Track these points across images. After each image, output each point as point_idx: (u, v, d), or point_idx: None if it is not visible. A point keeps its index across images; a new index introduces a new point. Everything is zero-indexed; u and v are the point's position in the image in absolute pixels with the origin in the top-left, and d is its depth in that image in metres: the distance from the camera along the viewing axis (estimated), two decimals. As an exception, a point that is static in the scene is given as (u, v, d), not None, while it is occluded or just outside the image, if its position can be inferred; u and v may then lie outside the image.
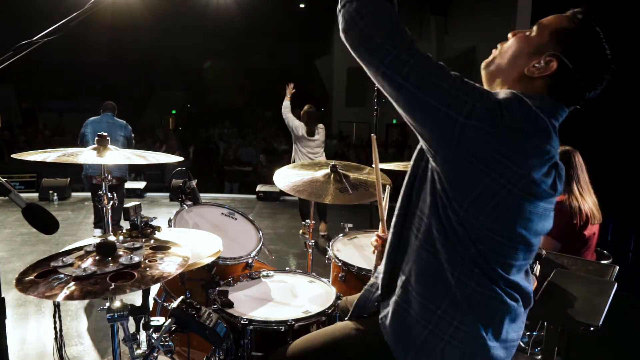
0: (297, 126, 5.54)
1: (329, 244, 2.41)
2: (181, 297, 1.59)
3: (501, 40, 1.25)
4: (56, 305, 2.01)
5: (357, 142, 14.98)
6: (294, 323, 1.71)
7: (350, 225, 2.68)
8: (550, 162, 1.09)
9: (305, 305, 1.88)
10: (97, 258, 1.37)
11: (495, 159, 1.03)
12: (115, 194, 2.26)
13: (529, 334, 3.05)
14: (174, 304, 1.55)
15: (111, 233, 1.88)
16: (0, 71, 1.21)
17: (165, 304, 2.23)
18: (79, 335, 3.27)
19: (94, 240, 1.56)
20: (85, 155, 1.91)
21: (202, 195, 2.89)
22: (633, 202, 4.56)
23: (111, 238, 1.52)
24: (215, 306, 1.81)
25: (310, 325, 1.77)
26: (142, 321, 1.58)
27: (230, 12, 12.50)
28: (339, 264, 2.24)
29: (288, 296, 1.99)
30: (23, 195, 1.21)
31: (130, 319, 1.47)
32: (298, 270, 2.26)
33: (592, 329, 1.56)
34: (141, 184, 8.82)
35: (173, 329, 1.51)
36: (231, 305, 1.84)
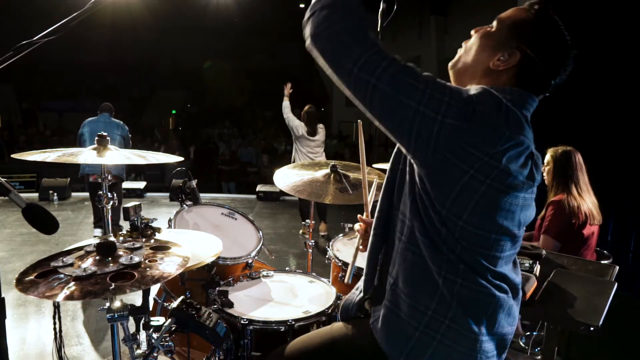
0: (298, 126, 5.54)
1: (329, 244, 2.41)
2: (181, 297, 1.59)
3: None
4: (56, 306, 2.01)
5: (357, 142, 14.96)
6: (294, 323, 1.71)
7: (350, 225, 2.67)
8: (525, 153, 1.10)
9: (305, 305, 1.88)
10: (97, 258, 1.37)
11: (472, 155, 1.04)
12: (115, 194, 2.26)
13: (529, 334, 3.06)
14: (174, 304, 1.55)
15: (111, 233, 1.88)
16: (0, 71, 1.21)
17: (165, 304, 2.23)
18: (79, 336, 3.27)
19: (95, 240, 1.56)
20: (85, 155, 1.91)
21: (202, 195, 2.89)
22: (633, 202, 4.56)
23: (111, 238, 1.52)
24: (215, 306, 1.81)
25: (310, 325, 1.77)
26: (142, 321, 1.58)
27: (230, 12, 12.49)
28: (339, 264, 2.24)
29: (288, 296, 1.99)
30: (23, 195, 1.21)
31: (130, 319, 1.47)
32: (298, 270, 2.26)
33: (592, 329, 1.56)
34: (141, 184, 8.82)
35: (173, 329, 1.51)
36: (231, 305, 1.84)
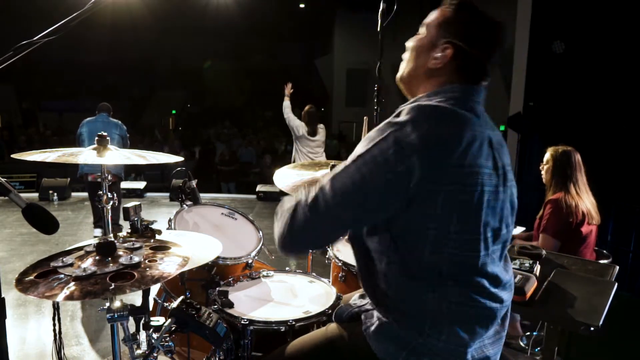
0: (298, 126, 5.55)
1: (329, 244, 2.41)
2: (181, 297, 1.59)
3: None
4: (55, 307, 2.01)
5: (356, 142, 14.95)
6: (294, 323, 1.71)
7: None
8: (484, 144, 1.14)
9: (306, 305, 1.88)
10: (97, 258, 1.37)
11: (441, 176, 1.08)
12: (115, 194, 2.25)
13: (529, 334, 3.06)
14: (174, 304, 1.55)
15: (111, 233, 1.88)
16: (0, 71, 1.21)
17: (165, 304, 2.23)
18: (78, 336, 3.27)
19: (94, 240, 1.56)
20: (85, 155, 1.90)
21: (202, 195, 2.89)
22: (633, 202, 4.56)
23: (111, 238, 1.52)
24: (216, 306, 1.81)
25: (310, 325, 1.77)
26: (142, 321, 1.58)
27: (230, 12, 12.48)
28: (339, 264, 2.24)
29: (288, 296, 1.99)
30: (23, 195, 1.21)
31: (130, 319, 1.47)
32: (298, 270, 2.26)
33: (592, 329, 1.56)
34: (141, 184, 8.82)
35: (173, 329, 1.51)
36: (231, 305, 1.84)
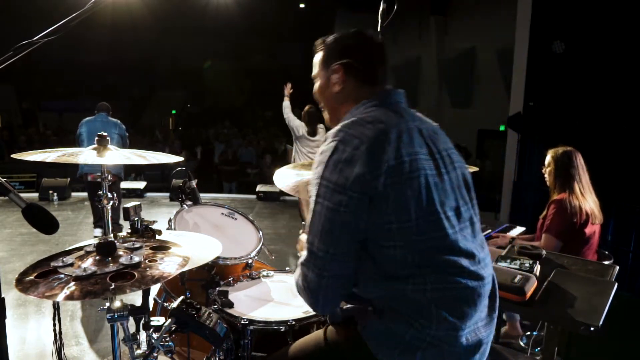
0: (298, 126, 5.55)
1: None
2: (181, 297, 1.59)
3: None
4: (55, 307, 2.01)
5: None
6: (294, 323, 1.71)
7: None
8: (413, 135, 1.23)
9: (305, 305, 1.87)
10: (97, 258, 1.37)
11: (384, 173, 1.15)
12: (115, 194, 2.25)
13: (529, 334, 3.06)
14: (174, 304, 1.55)
15: (111, 232, 1.88)
16: (0, 71, 1.21)
17: (165, 304, 2.23)
18: (78, 336, 3.27)
19: (95, 240, 1.56)
20: (85, 155, 1.90)
21: (202, 195, 2.89)
22: (633, 202, 4.56)
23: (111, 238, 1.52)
24: (215, 306, 1.81)
25: (310, 325, 1.77)
26: (142, 321, 1.58)
27: (230, 12, 12.47)
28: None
29: (288, 296, 1.99)
30: (23, 195, 1.21)
31: (130, 319, 1.47)
32: (298, 270, 2.25)
33: (592, 329, 1.56)
34: (141, 184, 8.82)
35: (173, 329, 1.51)
36: (231, 305, 1.84)
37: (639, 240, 4.59)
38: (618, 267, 2.15)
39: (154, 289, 2.32)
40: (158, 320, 1.55)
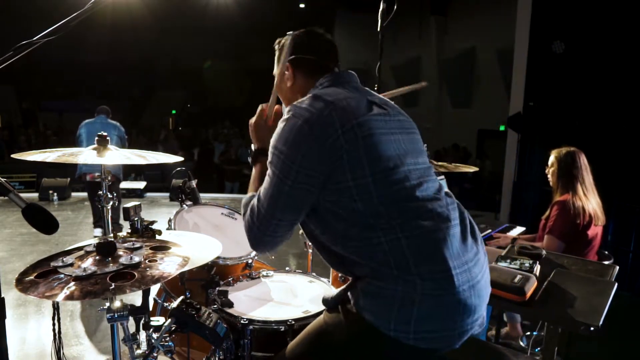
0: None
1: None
2: (181, 297, 1.59)
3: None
4: (55, 307, 2.01)
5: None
6: (294, 323, 1.71)
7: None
8: (361, 102, 1.31)
9: (305, 305, 1.88)
10: (97, 258, 1.37)
11: (335, 138, 1.22)
12: (115, 194, 2.26)
13: (529, 334, 3.06)
14: (174, 304, 1.55)
15: (112, 232, 1.88)
16: (0, 71, 1.21)
17: (165, 304, 2.23)
18: (78, 336, 3.27)
19: (95, 240, 1.56)
20: (85, 155, 1.90)
21: (202, 195, 2.89)
22: (633, 202, 4.56)
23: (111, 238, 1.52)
24: (215, 306, 1.81)
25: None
26: (142, 321, 1.59)
27: (230, 12, 12.48)
28: (339, 264, 2.24)
29: (288, 296, 1.99)
30: (23, 195, 1.21)
31: (130, 319, 1.47)
32: (298, 270, 2.26)
33: (592, 329, 1.56)
34: (141, 184, 8.82)
35: (173, 329, 1.51)
36: (231, 305, 1.84)
37: (639, 240, 4.59)
38: (618, 267, 2.15)
39: (154, 289, 2.32)
40: (158, 320, 1.55)
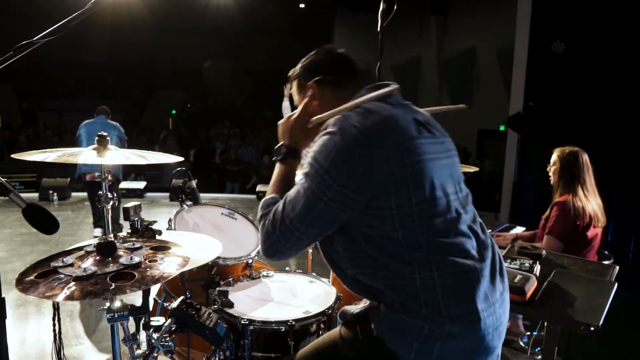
0: (297, 126, 5.56)
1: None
2: (181, 297, 1.59)
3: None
4: (55, 307, 2.01)
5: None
6: (294, 323, 1.71)
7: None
8: (410, 123, 1.22)
9: (306, 305, 1.88)
10: (97, 258, 1.37)
11: (375, 160, 1.15)
12: (115, 194, 2.26)
13: (529, 334, 3.06)
14: (174, 304, 1.55)
15: (112, 232, 1.88)
16: (0, 71, 1.21)
17: (165, 304, 2.23)
18: (78, 336, 3.27)
19: (95, 240, 1.56)
20: (85, 156, 1.90)
21: (202, 195, 2.89)
22: (633, 202, 4.56)
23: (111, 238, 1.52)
24: (216, 306, 1.81)
25: (310, 325, 1.77)
26: (142, 321, 1.59)
27: (230, 12, 12.48)
28: (339, 264, 2.24)
29: (288, 296, 1.99)
30: (23, 195, 1.21)
31: (130, 319, 1.47)
32: (298, 270, 2.26)
33: (592, 329, 1.56)
34: (141, 184, 8.82)
35: (173, 329, 1.52)
36: (231, 305, 1.84)
37: (639, 240, 4.59)
38: (618, 267, 2.14)
39: (154, 289, 2.32)
40: (158, 320, 1.55)
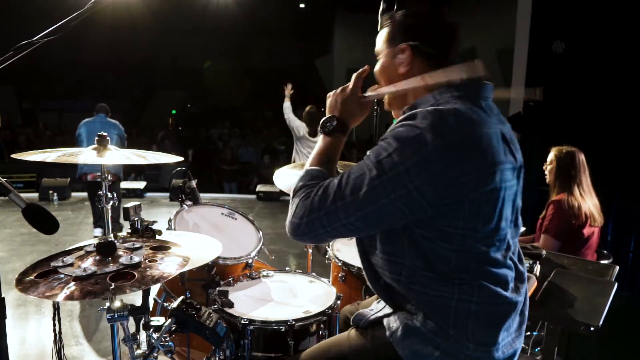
0: (299, 126, 5.55)
1: (329, 244, 2.41)
2: (181, 297, 1.59)
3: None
4: (55, 308, 2.01)
5: (357, 142, 14.95)
6: (294, 323, 1.71)
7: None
8: (499, 140, 1.10)
9: (306, 305, 1.88)
10: (97, 258, 1.37)
11: (460, 175, 1.04)
12: (115, 194, 2.26)
13: (529, 334, 3.05)
14: (174, 304, 1.55)
15: (112, 232, 1.88)
16: (0, 71, 1.21)
17: (165, 304, 2.23)
18: (78, 336, 3.27)
19: (95, 240, 1.56)
20: (86, 155, 1.90)
21: (202, 195, 2.89)
22: (633, 202, 4.56)
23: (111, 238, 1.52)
24: (216, 306, 1.81)
25: (310, 325, 1.77)
26: (142, 321, 1.58)
27: (230, 12, 12.48)
28: (339, 264, 2.24)
29: (288, 296, 1.99)
30: (23, 195, 1.21)
31: (130, 319, 1.47)
32: (298, 270, 2.26)
33: (592, 329, 1.56)
34: (141, 184, 8.82)
35: (173, 329, 1.52)
36: (231, 305, 1.84)
37: (639, 240, 4.59)
38: (618, 267, 2.15)
39: (154, 289, 2.32)
40: (158, 320, 1.55)
